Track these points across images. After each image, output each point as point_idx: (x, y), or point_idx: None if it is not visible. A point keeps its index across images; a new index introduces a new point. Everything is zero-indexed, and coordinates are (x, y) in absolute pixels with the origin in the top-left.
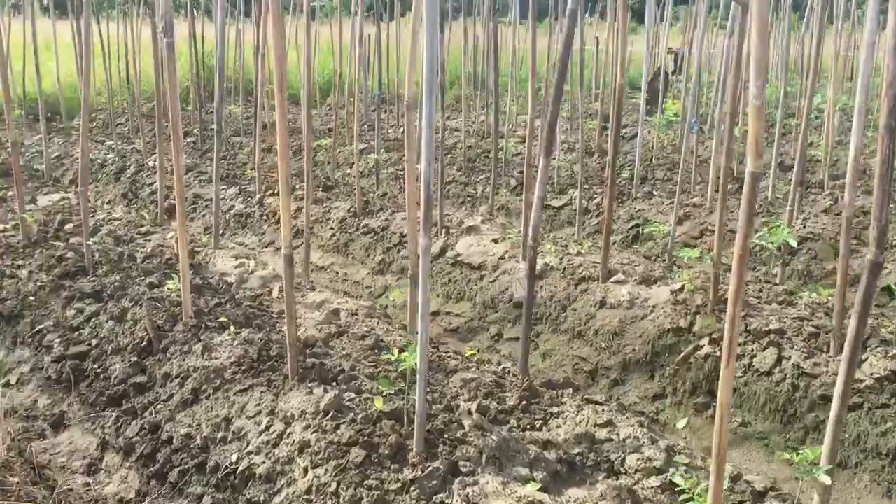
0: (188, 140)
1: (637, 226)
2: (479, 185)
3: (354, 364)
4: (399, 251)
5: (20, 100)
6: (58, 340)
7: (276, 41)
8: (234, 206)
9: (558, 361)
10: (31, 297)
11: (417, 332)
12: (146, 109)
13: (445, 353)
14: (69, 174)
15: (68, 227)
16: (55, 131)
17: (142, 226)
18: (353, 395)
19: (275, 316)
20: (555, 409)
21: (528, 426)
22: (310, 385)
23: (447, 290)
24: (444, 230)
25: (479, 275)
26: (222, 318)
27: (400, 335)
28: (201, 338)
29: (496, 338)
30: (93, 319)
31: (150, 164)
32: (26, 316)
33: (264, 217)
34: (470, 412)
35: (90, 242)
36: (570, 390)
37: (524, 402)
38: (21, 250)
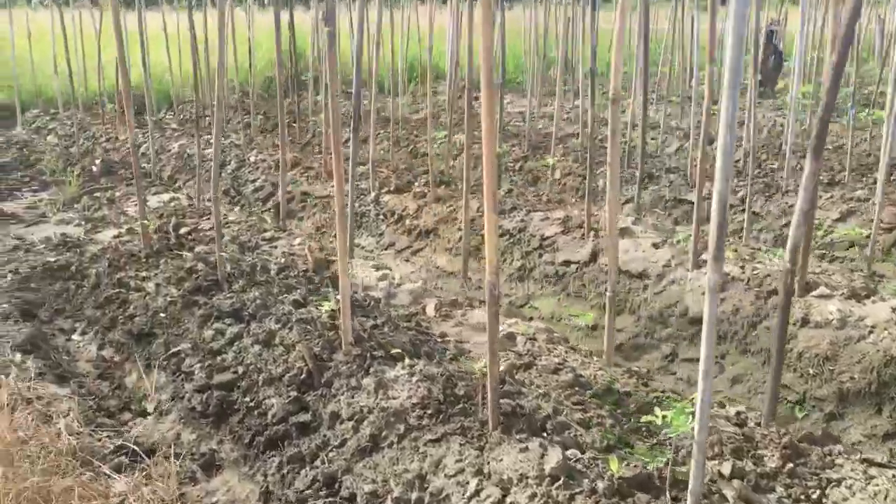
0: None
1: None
2: (599, 179)
3: (557, 407)
4: (541, 256)
5: (110, 92)
6: (198, 366)
7: (486, 31)
8: (345, 204)
9: (752, 388)
10: (162, 314)
11: (614, 366)
12: (233, 101)
13: (662, 393)
14: (167, 170)
15: (183, 230)
16: (144, 125)
17: (264, 230)
18: (576, 452)
19: (439, 340)
20: (831, 475)
21: (802, 497)
22: (518, 437)
23: (603, 302)
24: (591, 232)
25: (642, 284)
26: (394, 350)
27: (599, 369)
28: (369, 370)
29: (670, 357)
30: (236, 343)
31: (252, 159)
32: (158, 335)
33: (381, 217)
34: (724, 476)
35: (223, 254)
36: (839, 447)
37: (788, 464)
38: (144, 260)
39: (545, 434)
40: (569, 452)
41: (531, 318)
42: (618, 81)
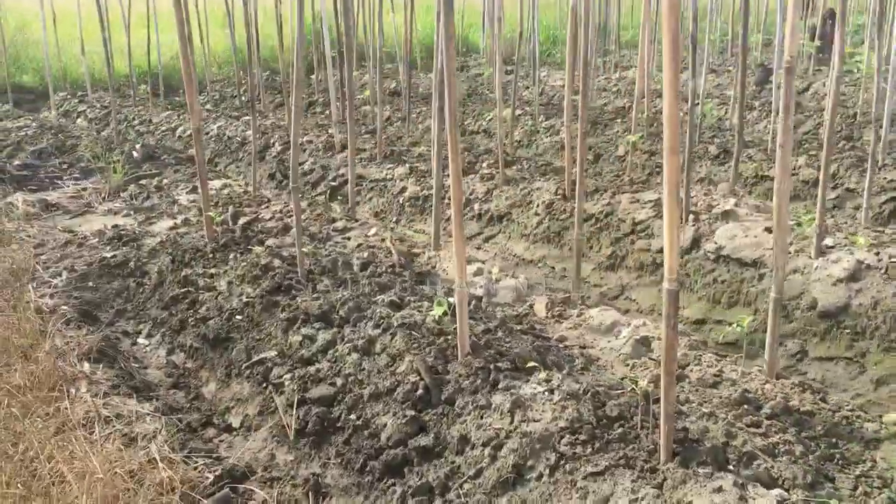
0: (319, 112)
1: (892, 199)
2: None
3: (730, 430)
4: (633, 242)
5: (140, 73)
6: (288, 376)
7: None
8: (405, 187)
9: None
10: (238, 316)
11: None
12: (263, 79)
13: (850, 412)
14: (206, 153)
15: (243, 220)
16: (177, 106)
17: (333, 220)
18: (782, 493)
19: (560, 346)
20: None
21: None
22: (702, 471)
23: (711, 293)
24: (690, 215)
25: (756, 274)
26: (530, 363)
27: (766, 383)
28: (497, 385)
29: (798, 356)
30: (329, 351)
31: (299, 141)
32: (236, 340)
33: (447, 201)
34: None
35: (304, 250)
36: None
37: None
38: (210, 255)
39: (731, 467)
40: (774, 493)
41: (627, 311)
42: (794, 47)
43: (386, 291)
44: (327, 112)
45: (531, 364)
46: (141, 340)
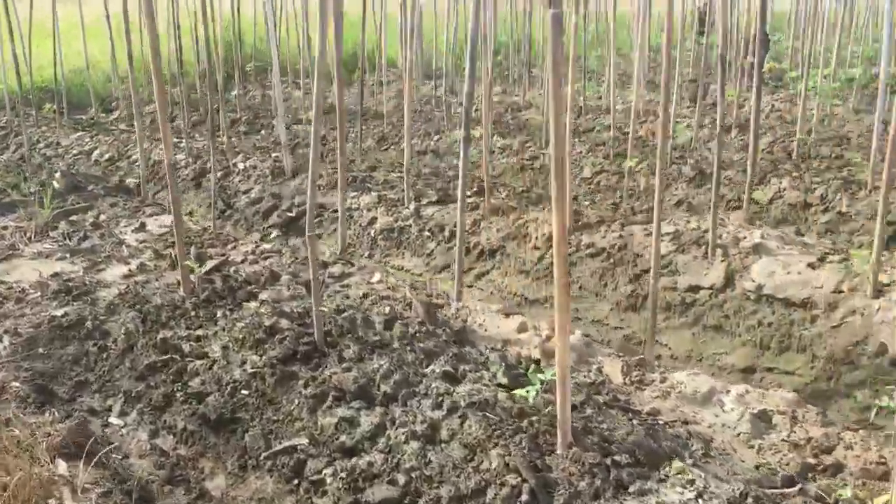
0: (245, 132)
1: (892, 223)
2: (639, 177)
3: None
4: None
5: (43, 89)
6: (329, 471)
7: None
8: (375, 217)
9: None
10: (245, 391)
11: None
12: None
13: None
14: (129, 179)
15: (210, 264)
16: (86, 126)
17: (326, 264)
18: None
19: (658, 422)
20: None
21: None
22: None
23: (757, 338)
24: (716, 249)
25: (808, 315)
26: (678, 462)
27: None
28: (628, 489)
29: (869, 409)
30: (379, 438)
31: (241, 166)
32: (245, 422)
33: (427, 233)
34: None
35: (322, 309)
36: None
37: None
38: (192, 312)
39: None
40: None
41: (659, 357)
42: None
43: (432, 359)
44: (262, 133)
45: (677, 463)
46: (113, 420)
